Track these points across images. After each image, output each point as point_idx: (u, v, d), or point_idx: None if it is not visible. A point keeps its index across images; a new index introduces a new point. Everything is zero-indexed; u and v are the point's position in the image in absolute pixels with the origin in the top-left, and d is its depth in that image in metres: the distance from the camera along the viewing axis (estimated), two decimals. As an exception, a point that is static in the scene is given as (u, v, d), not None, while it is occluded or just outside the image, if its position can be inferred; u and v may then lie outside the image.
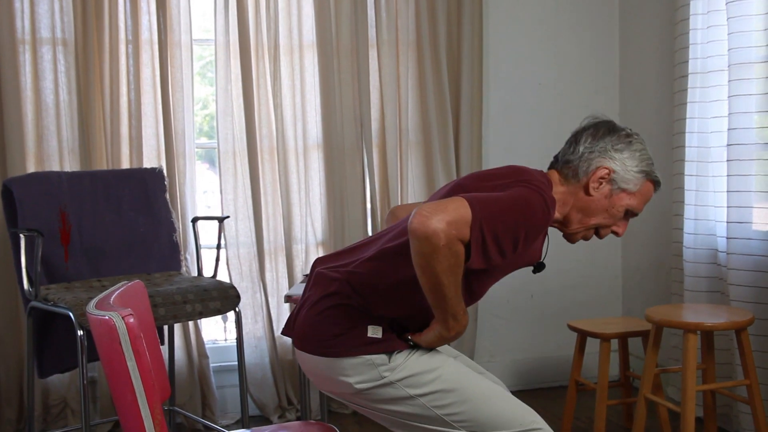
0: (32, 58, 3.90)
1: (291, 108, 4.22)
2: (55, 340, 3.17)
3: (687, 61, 3.89)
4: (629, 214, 2.34)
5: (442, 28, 4.32)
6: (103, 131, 3.98)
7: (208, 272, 3.51)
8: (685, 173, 3.91)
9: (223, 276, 3.73)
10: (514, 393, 4.53)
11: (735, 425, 3.73)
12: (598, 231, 2.36)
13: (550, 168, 2.37)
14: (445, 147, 4.35)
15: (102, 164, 3.96)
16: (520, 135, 4.65)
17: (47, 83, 3.92)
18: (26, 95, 3.91)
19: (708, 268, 3.84)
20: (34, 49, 3.90)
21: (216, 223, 3.54)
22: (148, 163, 4.01)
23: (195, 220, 3.53)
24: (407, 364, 2.12)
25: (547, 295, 4.71)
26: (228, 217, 3.60)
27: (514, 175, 2.18)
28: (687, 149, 3.90)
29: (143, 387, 1.89)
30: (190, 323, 4.07)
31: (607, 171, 2.26)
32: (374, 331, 2.10)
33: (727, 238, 3.63)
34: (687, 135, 3.90)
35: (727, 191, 3.62)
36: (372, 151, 4.30)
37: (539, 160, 4.56)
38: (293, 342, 2.22)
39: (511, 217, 2.01)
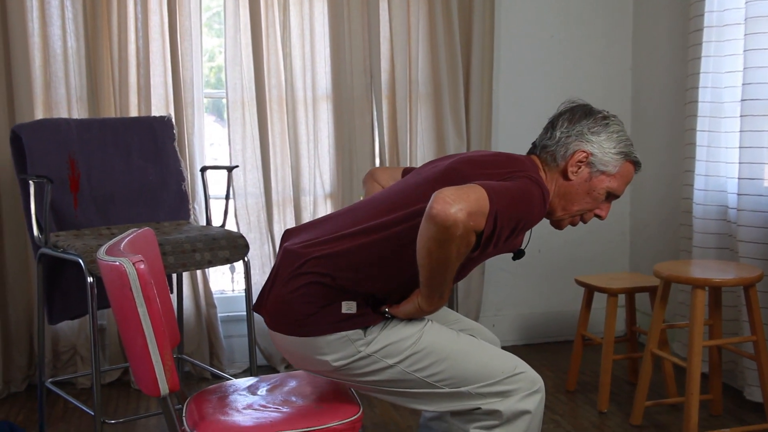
0: (39, 4, 3.87)
1: (300, 58, 4.19)
2: (65, 287, 3.18)
3: (702, 15, 3.84)
4: (611, 196, 2.34)
5: (454, -22, 4.27)
6: (111, 79, 3.97)
7: (216, 222, 3.51)
8: (697, 129, 3.89)
9: (231, 227, 3.74)
10: (519, 347, 4.64)
11: (740, 381, 3.75)
12: (582, 215, 2.35)
13: (529, 154, 2.38)
14: (455, 99, 4.33)
15: (110, 112, 3.96)
16: (530, 88, 4.62)
17: (55, 29, 3.90)
18: (34, 42, 3.88)
19: (718, 224, 3.83)
20: (41, -6, 3.88)
21: (224, 173, 3.53)
22: (156, 111, 4.00)
23: (204, 169, 3.53)
24: (382, 335, 2.12)
25: (554, 250, 4.72)
26: (237, 166, 3.59)
27: (509, 165, 2.18)
28: (700, 104, 3.87)
29: (154, 333, 1.90)
30: (198, 273, 4.10)
31: (584, 154, 2.26)
32: (348, 307, 2.09)
33: (738, 194, 3.61)
34: (700, 90, 3.87)
35: (740, 147, 3.60)
36: (381, 103, 4.28)
37: (547, 113, 4.53)
38: (265, 321, 2.20)
39: (516, 210, 2.01)
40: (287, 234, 2.32)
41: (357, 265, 2.09)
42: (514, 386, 2.14)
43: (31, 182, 2.95)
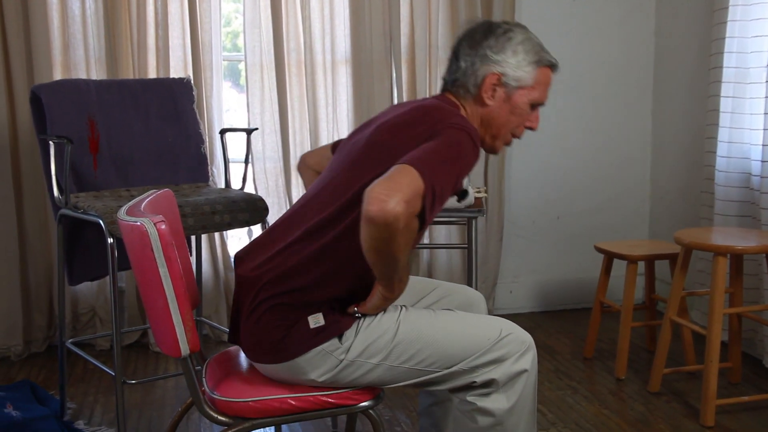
0: (58, -36, 3.85)
1: (320, 21, 4.15)
2: (85, 247, 3.18)
3: (729, -20, 3.78)
4: (536, 105, 2.22)
5: (476, -60, 4.21)
6: (130, 41, 3.95)
7: (235, 185, 3.50)
8: (721, 95, 3.84)
9: (249, 189, 3.73)
10: (537, 314, 4.63)
11: (759, 349, 3.74)
12: (512, 133, 2.24)
13: (442, 92, 2.25)
14: (476, 64, 4.28)
15: (128, 74, 3.95)
16: (551, 51, 4.54)
17: (74, -10, 3.88)
18: (52, 3, 3.87)
19: (740, 192, 3.79)
20: (60, -45, 3.85)
21: (243, 136, 3.51)
22: (174, 73, 3.98)
23: (223, 132, 3.51)
24: (359, 338, 2.04)
25: (573, 217, 4.69)
26: (256, 129, 3.57)
27: (429, 119, 2.03)
28: (724, 70, 3.81)
29: (175, 293, 1.90)
30: (216, 236, 4.10)
31: (496, 76, 2.14)
32: (316, 321, 2.00)
33: (762, 161, 3.58)
34: (725, 55, 3.81)
35: (765, 114, 3.56)
36: (401, 67, 4.25)
37: (570, 78, 4.54)
38: (245, 352, 2.12)
39: (451, 171, 1.91)
40: (238, 260, 2.20)
41: (309, 275, 2.01)
42: (504, 350, 2.07)
43: (51, 143, 2.94)
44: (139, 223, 1.88)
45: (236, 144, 3.77)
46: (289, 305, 2.01)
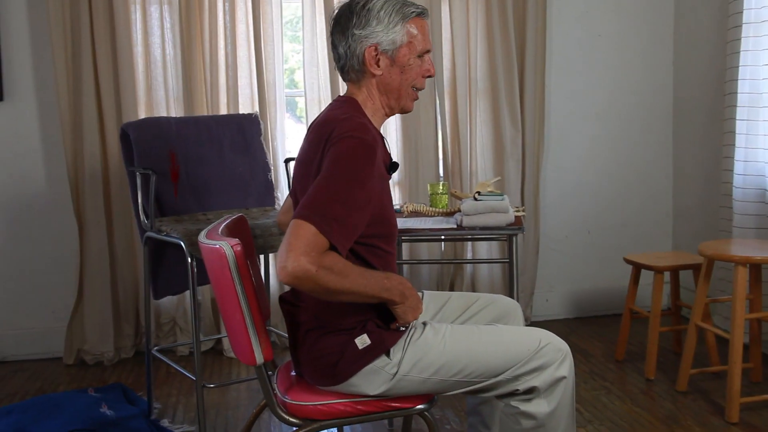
0: (142, 17, 3.93)
1: (371, 59, 4.16)
2: (167, 266, 3.22)
3: (741, 12, 3.72)
4: (422, 55, 2.10)
5: (510, -16, 4.20)
6: (204, 81, 4.00)
7: (298, 208, 3.52)
8: (737, 118, 3.77)
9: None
10: (571, 320, 4.58)
11: (778, 351, 3.65)
12: (414, 86, 2.12)
13: (346, 82, 2.14)
14: (511, 94, 4.27)
15: (202, 111, 4.00)
16: (579, 82, 4.53)
17: (155, 39, 3.96)
18: (137, 50, 3.94)
19: (756, 206, 3.71)
20: (144, 9, 3.93)
21: (305, 163, 3.53)
22: (243, 110, 4.03)
23: (287, 161, 3.52)
24: (408, 353, 1.99)
25: (602, 231, 4.63)
26: (316, 158, 3.59)
27: (320, 142, 1.92)
28: (739, 95, 3.74)
29: (250, 308, 1.91)
30: (282, 253, 4.12)
31: (372, 48, 2.02)
32: (362, 341, 1.97)
33: (776, 178, 3.50)
34: (739, 82, 3.74)
35: (778, 135, 3.48)
36: (444, 98, 4.24)
37: (597, 106, 4.50)
38: (306, 379, 2.08)
39: (344, 183, 1.81)
40: (281, 297, 2.17)
41: (333, 302, 1.93)
42: (543, 360, 2.03)
43: (137, 174, 2.99)
44: (218, 246, 1.89)
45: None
46: (333, 331, 1.99)
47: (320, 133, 1.95)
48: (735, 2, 3.78)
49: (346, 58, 2.06)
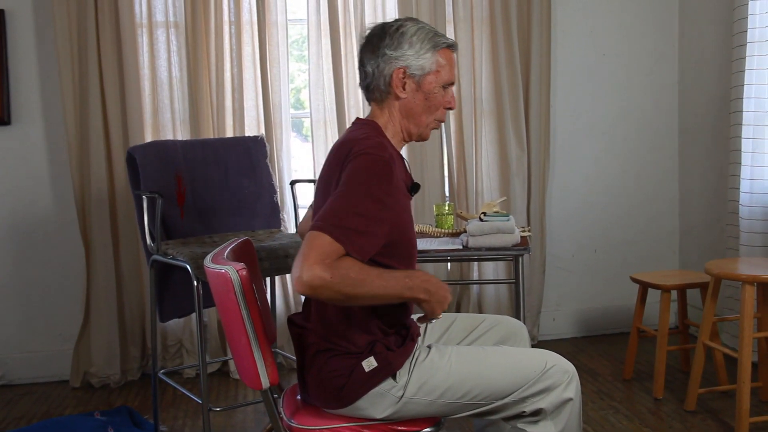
0: (149, 40, 3.96)
1: (376, 81, 4.18)
2: (174, 289, 3.23)
3: (745, 31, 3.73)
4: (447, 86, 2.13)
5: (513, 4, 4.22)
6: (210, 104, 4.03)
7: (304, 229, 3.53)
8: (742, 136, 3.78)
9: (317, 232, 3.75)
10: (579, 339, 4.56)
11: (787, 370, 3.62)
12: (436, 117, 2.16)
13: (369, 102, 2.18)
14: (516, 114, 4.28)
15: (209, 133, 4.02)
16: (584, 102, 4.54)
17: (161, 62, 3.99)
18: (144, 73, 3.97)
19: (763, 224, 3.72)
20: (150, 32, 3.96)
21: (309, 185, 3.55)
22: (249, 131, 4.05)
23: (293, 183, 3.55)
24: (414, 375, 2.00)
25: (608, 249, 4.63)
26: (321, 179, 3.60)
27: (339, 161, 1.96)
28: (744, 113, 3.76)
29: (255, 332, 1.91)
30: (287, 275, 4.12)
31: (400, 70, 2.05)
32: (369, 364, 1.97)
33: (783, 196, 3.49)
34: (744, 100, 3.76)
35: (784, 153, 3.48)
36: (449, 119, 4.26)
37: (603, 125, 4.51)
38: (312, 401, 2.09)
39: (360, 198, 1.83)
40: (289, 318, 2.19)
41: (342, 323, 1.98)
42: (550, 381, 2.04)
43: (144, 197, 3.01)
44: (223, 270, 1.90)
45: (304, 191, 3.80)
46: (341, 354, 1.99)
47: (339, 153, 1.99)
48: (739, 21, 3.79)
49: (373, 77, 2.09)
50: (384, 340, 2.01)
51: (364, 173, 1.88)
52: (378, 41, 2.08)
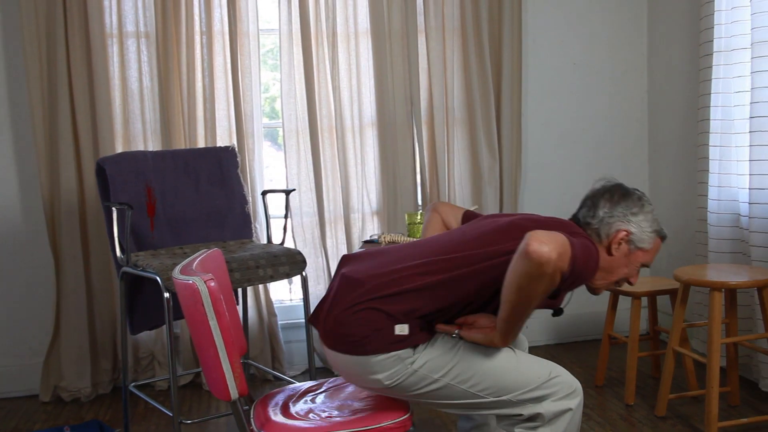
0: (119, 50, 3.94)
1: (348, 90, 4.20)
2: (144, 301, 3.22)
3: (712, 41, 3.78)
4: (642, 266, 2.34)
5: (485, 14, 4.25)
6: (181, 114, 4.02)
7: (276, 240, 3.53)
8: (710, 144, 3.82)
9: (288, 243, 3.75)
10: (551, 346, 4.58)
11: (755, 374, 3.67)
12: (618, 282, 2.35)
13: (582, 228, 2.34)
14: (488, 123, 4.31)
15: (180, 143, 4.01)
16: (556, 111, 4.58)
17: (132, 72, 3.97)
18: (114, 83, 3.95)
19: (731, 231, 3.76)
20: (120, 42, 3.94)
21: (282, 195, 3.55)
22: (221, 141, 4.04)
23: (264, 193, 3.55)
24: (426, 351, 2.08)
25: (581, 256, 4.65)
26: (294, 190, 3.61)
27: (567, 228, 2.17)
28: (711, 122, 3.80)
29: (224, 344, 1.91)
30: (260, 285, 4.12)
31: (625, 233, 2.25)
32: (401, 329, 2.04)
33: (749, 203, 3.54)
34: (711, 109, 3.80)
35: (750, 160, 3.53)
36: (421, 128, 4.28)
37: (574, 133, 4.55)
38: (321, 338, 2.15)
39: (584, 262, 2.01)
40: (345, 260, 2.28)
41: (419, 300, 2.05)
42: (551, 390, 2.11)
43: (113, 209, 2.99)
44: (191, 282, 1.90)
45: (276, 201, 3.81)
46: (387, 314, 2.04)
47: (567, 225, 2.22)
48: (705, 31, 3.85)
49: (600, 222, 2.27)
50: (419, 318, 2.07)
51: (591, 260, 2.09)
52: (619, 197, 2.29)
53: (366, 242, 3.71)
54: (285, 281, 4.25)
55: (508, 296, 1.94)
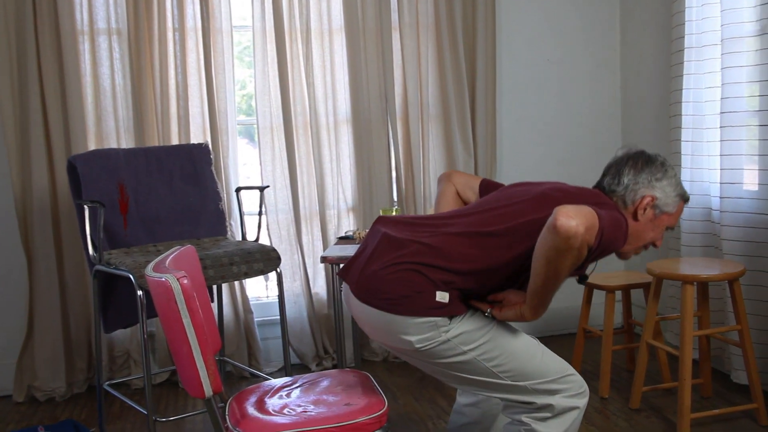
0: (91, 47, 3.91)
1: (322, 86, 4.20)
2: (118, 299, 3.20)
3: (683, 37, 3.82)
4: (667, 228, 2.38)
5: (458, 10, 4.27)
6: (155, 111, 3.99)
7: (250, 236, 3.52)
8: (682, 139, 3.86)
9: (264, 240, 3.75)
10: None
11: (727, 365, 3.72)
12: (645, 246, 2.39)
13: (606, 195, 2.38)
14: (462, 119, 4.32)
15: (154, 141, 3.98)
16: (530, 107, 4.60)
17: (104, 69, 3.94)
18: (86, 81, 3.92)
19: (703, 225, 3.80)
20: (92, 39, 3.91)
21: (257, 192, 3.54)
22: (194, 138, 4.02)
23: (238, 189, 3.54)
24: (462, 321, 2.11)
25: (556, 251, 4.68)
26: (268, 186, 3.60)
27: (596, 198, 2.23)
28: (683, 117, 3.84)
29: (197, 341, 1.91)
30: (236, 283, 4.10)
31: (651, 198, 2.29)
32: (442, 297, 2.07)
33: (720, 197, 3.59)
34: (683, 104, 3.84)
35: (720, 155, 3.57)
36: (396, 124, 4.28)
37: (548, 129, 4.58)
38: (353, 290, 2.16)
39: (612, 234, 2.06)
40: (382, 220, 2.29)
41: (464, 265, 2.08)
42: (565, 386, 2.18)
43: (86, 207, 2.97)
44: (164, 279, 1.89)
45: (252, 198, 3.80)
46: (429, 278, 2.06)
47: (598, 194, 2.29)
48: (677, 27, 3.88)
49: (625, 189, 2.30)
50: (458, 290, 2.10)
51: (620, 232, 2.15)
52: (643, 164, 2.32)
53: (341, 238, 3.72)
54: (261, 278, 4.24)
55: (537, 269, 1.99)
